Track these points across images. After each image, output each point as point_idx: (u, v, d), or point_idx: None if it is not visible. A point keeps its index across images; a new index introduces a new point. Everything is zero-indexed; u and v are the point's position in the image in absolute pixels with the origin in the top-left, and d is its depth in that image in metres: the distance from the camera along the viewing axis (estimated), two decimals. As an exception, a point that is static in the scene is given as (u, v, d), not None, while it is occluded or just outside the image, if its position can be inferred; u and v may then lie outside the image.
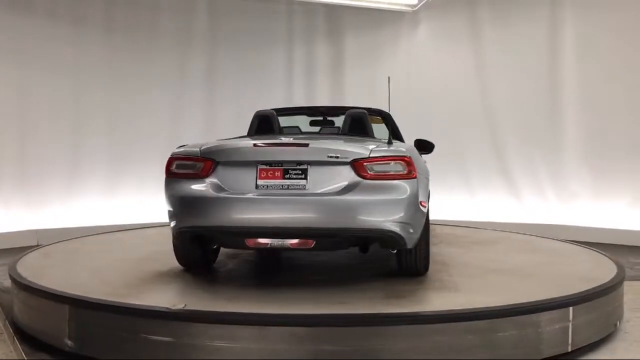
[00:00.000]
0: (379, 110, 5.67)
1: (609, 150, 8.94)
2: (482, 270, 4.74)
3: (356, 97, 9.27)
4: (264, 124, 4.86)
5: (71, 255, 5.45)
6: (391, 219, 3.78)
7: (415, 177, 3.89)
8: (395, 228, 3.79)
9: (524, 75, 9.63)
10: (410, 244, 3.95)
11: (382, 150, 3.96)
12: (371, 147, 3.95)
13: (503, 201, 9.74)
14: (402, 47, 10.51)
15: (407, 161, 3.89)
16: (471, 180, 9.76)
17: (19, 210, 8.48)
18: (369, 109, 5.33)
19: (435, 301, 3.85)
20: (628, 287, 4.91)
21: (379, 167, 3.84)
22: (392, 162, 3.88)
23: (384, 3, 10.20)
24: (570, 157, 9.35)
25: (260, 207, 3.80)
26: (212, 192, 3.84)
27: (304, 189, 3.79)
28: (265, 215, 3.78)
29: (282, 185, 3.82)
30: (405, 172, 3.86)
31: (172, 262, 4.62)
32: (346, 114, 4.94)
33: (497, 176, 9.79)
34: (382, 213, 3.79)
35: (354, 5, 10.16)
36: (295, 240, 3.81)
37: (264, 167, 3.86)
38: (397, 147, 4.13)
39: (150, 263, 4.88)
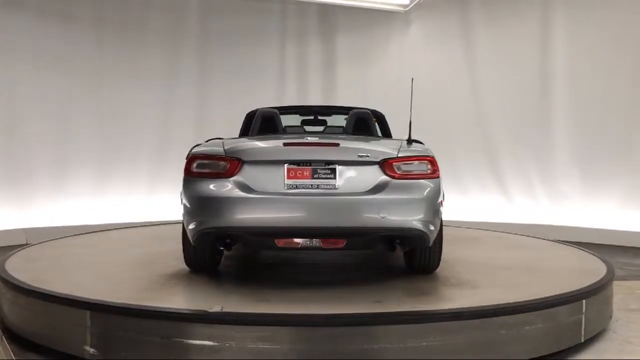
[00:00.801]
0: (373, 110, 5.68)
1: (599, 151, 8.99)
2: (486, 266, 4.85)
3: (348, 97, 9.28)
4: (267, 123, 4.79)
5: (68, 256, 5.27)
6: (418, 217, 3.84)
7: (438, 177, 4.00)
8: (422, 226, 3.86)
9: (515, 76, 9.66)
10: (430, 242, 4.02)
11: (409, 150, 4.06)
12: (397, 147, 4.04)
13: (493, 201, 9.78)
14: (394, 47, 10.52)
15: (432, 161, 3.99)
16: (462, 180, 9.78)
17: (8, 209, 8.41)
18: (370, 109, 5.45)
19: (462, 298, 3.83)
20: (617, 286, 4.95)
21: (406, 167, 3.92)
22: (418, 162, 3.97)
23: (376, 3, 10.20)
24: (560, 157, 9.40)
25: (291, 206, 3.76)
26: (240, 192, 3.76)
27: (334, 188, 3.81)
28: (297, 215, 3.75)
29: (312, 184, 3.81)
30: (430, 171, 3.96)
31: (174, 264, 4.61)
32: (350, 113, 4.97)
33: (487, 176, 9.83)
34: (410, 212, 3.84)
35: (347, 5, 10.16)
36: (328, 240, 3.85)
37: (292, 166, 3.83)
38: (419, 147, 4.20)
39: (151, 264, 4.76)
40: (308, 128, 5.63)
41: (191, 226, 3.91)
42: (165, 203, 9.44)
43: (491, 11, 9.90)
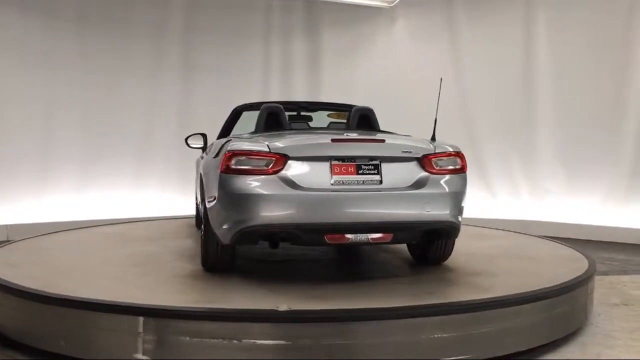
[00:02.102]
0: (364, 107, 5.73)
1: (582, 148, 9.09)
2: (485, 256, 4.99)
3: (333, 93, 9.27)
4: (272, 119, 4.73)
5: (63, 254, 5.09)
6: (454, 211, 4.03)
7: (465, 172, 4.19)
8: (456, 220, 4.06)
9: (499, 73, 9.73)
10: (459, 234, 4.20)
11: (442, 146, 4.20)
12: (428, 143, 4.20)
13: (477, 197, 9.82)
14: (380, 43, 10.53)
15: (462, 156, 4.20)
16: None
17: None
18: (351, 105, 5.50)
19: (498, 286, 3.96)
20: (599, 281, 5.02)
21: (442, 162, 4.08)
22: (452, 158, 4.15)
23: (361, -1, 10.21)
24: (543, 154, 9.48)
25: (341, 202, 3.78)
26: (288, 188, 3.71)
27: (379, 183, 3.87)
28: (347, 211, 3.77)
29: (357, 180, 3.84)
30: (460, 166, 4.17)
31: (179, 264, 4.56)
32: (353, 110, 5.01)
33: (472, 172, 9.83)
34: (448, 206, 4.00)
35: (332, 1, 10.14)
36: (377, 235, 3.85)
37: (337, 162, 3.85)
38: (447, 143, 4.31)
39: (155, 264, 4.64)
40: (310, 123, 5.57)
41: (228, 225, 3.80)
42: (149, 200, 9.42)
43: (476, 9, 9.95)
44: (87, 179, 9.16)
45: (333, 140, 3.95)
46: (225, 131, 5.67)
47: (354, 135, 4.27)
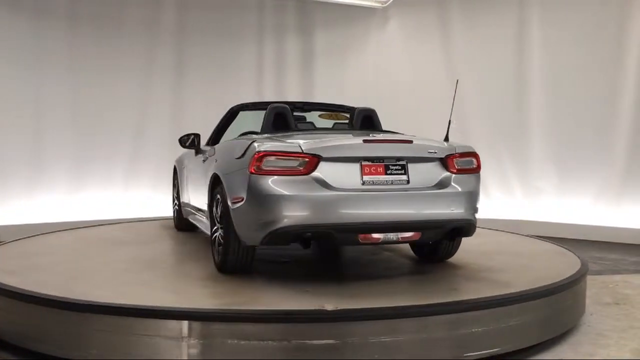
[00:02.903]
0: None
1: (574, 148, 9.12)
2: (483, 253, 5.04)
3: (326, 93, 9.27)
4: (279, 119, 4.72)
5: (70, 258, 4.98)
6: (473, 210, 4.18)
7: (479, 171, 4.29)
8: (474, 218, 4.20)
9: (492, 73, 9.75)
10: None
11: (462, 146, 4.31)
12: (447, 143, 4.29)
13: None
14: (372, 43, 10.53)
15: (477, 156, 4.32)
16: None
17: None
18: (342, 105, 5.59)
19: (515, 280, 4.06)
20: (591, 281, 5.04)
21: (462, 163, 4.19)
22: (470, 158, 4.27)
23: (354, -1, 10.21)
24: (536, 154, 9.51)
25: (373, 202, 3.84)
26: (323, 189, 3.74)
27: (407, 183, 3.95)
28: (379, 211, 3.83)
29: (386, 180, 3.91)
30: (475, 166, 4.29)
31: (190, 266, 4.52)
32: (356, 110, 5.05)
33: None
34: (469, 204, 4.13)
35: (325, 1, 10.13)
36: (407, 234, 3.94)
37: (367, 163, 3.91)
38: (462, 144, 4.40)
39: (170, 266, 4.62)
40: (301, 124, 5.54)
41: (260, 225, 3.77)
42: (141, 199, 9.38)
43: (469, 9, 9.96)
44: (79, 179, 9.11)
45: (365, 141, 4.01)
46: (220, 131, 5.61)
47: (380, 136, 4.35)
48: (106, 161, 9.30)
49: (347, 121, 5.30)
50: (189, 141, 5.57)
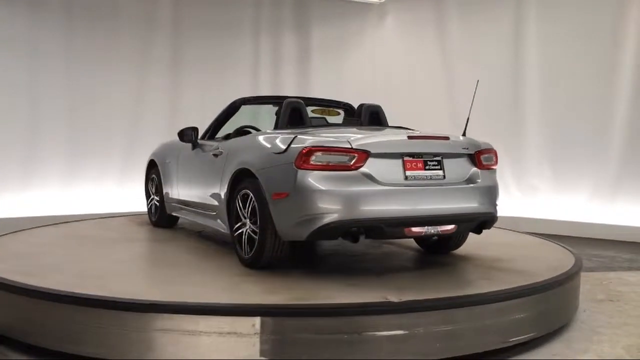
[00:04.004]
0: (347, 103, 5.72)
1: (570, 146, 9.13)
2: (488, 243, 5.16)
3: (322, 88, 9.26)
4: (296, 114, 4.70)
5: (83, 254, 4.81)
6: (496, 203, 4.42)
7: (496, 167, 4.52)
8: (496, 211, 4.40)
9: (488, 70, 9.71)
10: None
11: (484, 143, 4.51)
12: (477, 141, 4.47)
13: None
14: (369, 39, 10.52)
15: (496, 153, 4.54)
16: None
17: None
18: (337, 101, 5.61)
19: (510, 277, 4.14)
20: (585, 278, 5.05)
21: (485, 158, 4.41)
22: (491, 154, 4.49)
23: (351, -6, 10.19)
24: (532, 151, 9.52)
25: (418, 196, 3.96)
26: (373, 184, 3.83)
27: (443, 178, 4.11)
28: (423, 205, 3.97)
29: (425, 175, 4.05)
30: (494, 162, 4.51)
31: (217, 262, 4.45)
32: (363, 107, 5.13)
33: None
34: (494, 198, 4.39)
35: (322, -4, 10.13)
36: (446, 227, 4.06)
37: (409, 158, 4.02)
38: (481, 141, 4.57)
39: (196, 263, 4.51)
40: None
41: (308, 220, 3.78)
42: (136, 193, 9.35)
43: (465, 6, 9.96)
44: (73, 173, 9.08)
45: (409, 137, 4.13)
46: (220, 124, 5.49)
47: (417, 132, 4.44)
48: (101, 154, 9.27)
49: (338, 116, 5.30)
50: (192, 135, 5.40)
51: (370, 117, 5.05)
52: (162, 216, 6.09)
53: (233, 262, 4.40)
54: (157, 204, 6.14)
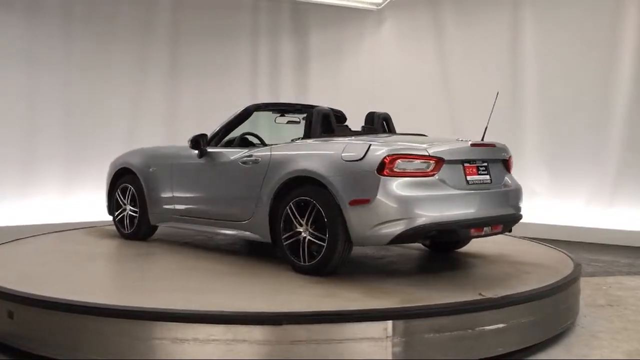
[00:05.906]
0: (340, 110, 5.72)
1: (567, 150, 9.13)
2: (477, 254, 5.20)
3: (320, 94, 9.26)
4: (326, 122, 4.79)
5: (108, 264, 4.89)
6: (522, 204, 4.74)
7: None
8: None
9: (486, 75, 9.75)
10: None
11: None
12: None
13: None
14: (367, 45, 10.55)
15: (511, 158, 4.88)
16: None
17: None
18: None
19: (509, 283, 4.22)
20: (584, 283, 5.05)
21: (511, 163, 4.82)
22: (511, 159, 4.85)
23: (349, 0, 10.22)
24: (529, 155, 9.50)
25: (480, 200, 4.30)
26: (449, 189, 4.11)
27: (490, 182, 4.46)
28: (485, 207, 4.32)
29: (480, 180, 4.39)
30: (511, 166, 4.85)
31: (261, 270, 4.44)
32: (375, 115, 5.30)
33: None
34: (522, 200, 4.76)
35: (320, 2, 10.14)
36: (498, 227, 4.44)
37: (467, 164, 4.34)
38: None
39: (239, 270, 4.49)
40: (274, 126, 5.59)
41: (391, 224, 3.92)
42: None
43: (463, 10, 9.98)
44: (71, 180, 9.05)
45: (472, 145, 4.44)
46: (229, 129, 5.29)
47: (477, 140, 4.68)
48: (98, 161, 9.21)
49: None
50: (202, 142, 5.16)
51: (383, 124, 5.27)
52: (140, 228, 5.69)
53: (280, 268, 4.42)
54: (134, 214, 5.72)
